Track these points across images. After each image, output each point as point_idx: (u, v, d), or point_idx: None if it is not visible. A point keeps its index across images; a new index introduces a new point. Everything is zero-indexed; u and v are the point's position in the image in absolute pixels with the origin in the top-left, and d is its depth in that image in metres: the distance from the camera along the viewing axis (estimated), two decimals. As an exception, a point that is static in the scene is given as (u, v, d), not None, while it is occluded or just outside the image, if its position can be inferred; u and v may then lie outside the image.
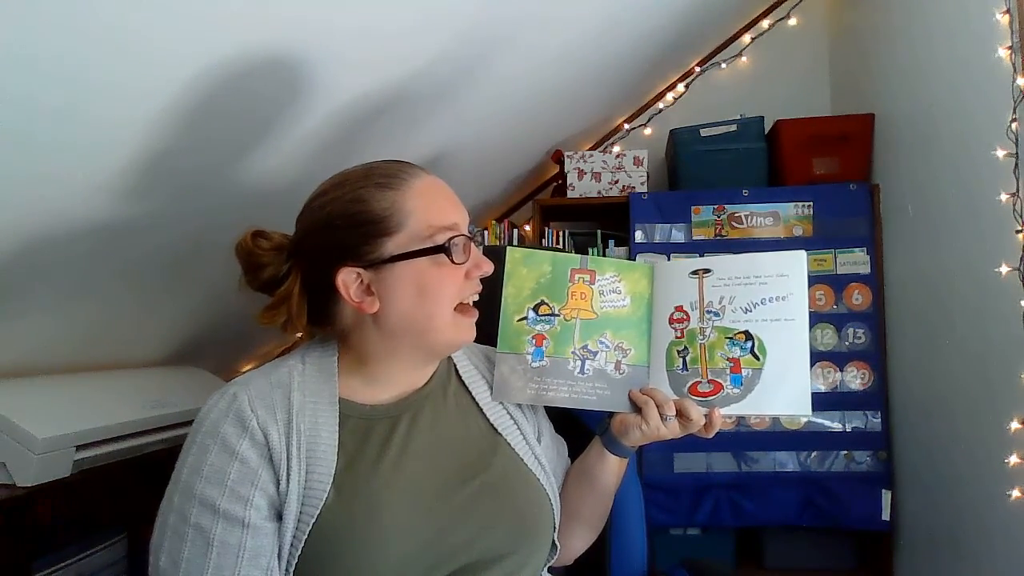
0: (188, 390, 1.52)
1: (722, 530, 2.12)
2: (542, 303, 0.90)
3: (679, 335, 0.88)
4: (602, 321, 0.89)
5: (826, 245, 2.06)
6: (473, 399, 0.87)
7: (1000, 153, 1.45)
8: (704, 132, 2.22)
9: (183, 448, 0.75)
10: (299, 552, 0.70)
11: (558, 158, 2.35)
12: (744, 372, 0.85)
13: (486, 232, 2.40)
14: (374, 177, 0.79)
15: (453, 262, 0.77)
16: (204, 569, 0.69)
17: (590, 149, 2.58)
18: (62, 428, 1.13)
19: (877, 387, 2.02)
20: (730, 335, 0.86)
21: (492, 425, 0.85)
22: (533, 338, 0.88)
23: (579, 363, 0.88)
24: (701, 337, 0.87)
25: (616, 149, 2.59)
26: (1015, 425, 1.43)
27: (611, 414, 0.88)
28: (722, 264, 0.89)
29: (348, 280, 0.77)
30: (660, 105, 2.62)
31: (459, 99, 1.53)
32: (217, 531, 0.70)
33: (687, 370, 0.87)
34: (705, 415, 0.84)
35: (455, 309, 0.79)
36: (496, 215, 2.67)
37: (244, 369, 2.07)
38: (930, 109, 1.80)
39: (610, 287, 0.91)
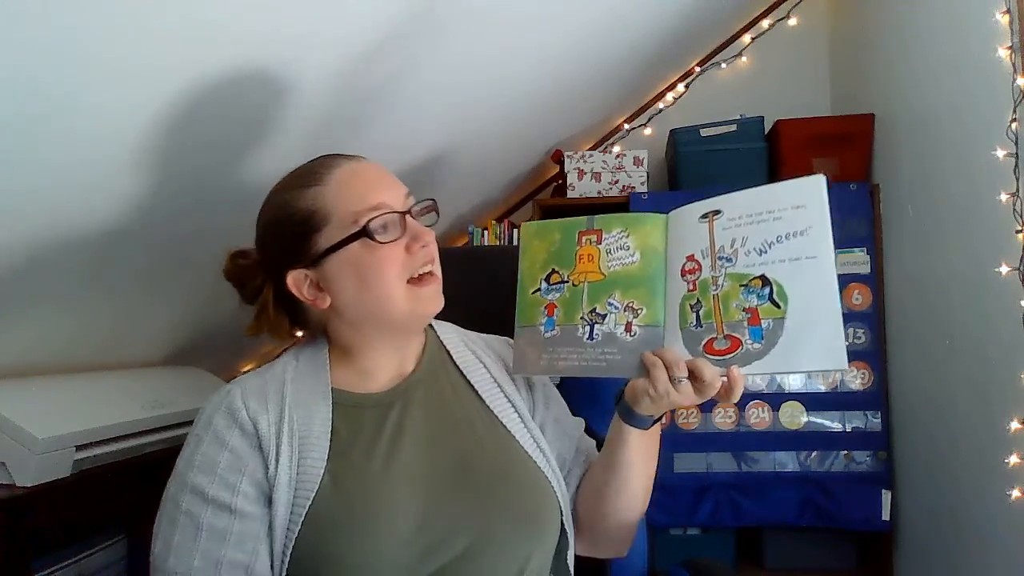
0: (188, 390, 1.52)
1: (722, 530, 2.12)
2: (553, 272, 0.85)
3: (691, 287, 0.78)
4: (610, 281, 0.82)
5: (826, 245, 2.06)
6: (469, 384, 0.87)
7: (1000, 153, 1.45)
8: (704, 132, 2.22)
9: (184, 444, 0.78)
10: (295, 535, 0.72)
11: (558, 158, 2.35)
12: (764, 323, 0.73)
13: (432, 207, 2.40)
14: (297, 179, 0.83)
15: (377, 242, 0.78)
16: (193, 552, 0.72)
17: (590, 149, 2.58)
18: (62, 428, 1.13)
19: (877, 387, 2.02)
20: (744, 282, 0.75)
21: (490, 410, 0.85)
22: (545, 308, 0.84)
23: (587, 328, 0.81)
24: (714, 287, 0.77)
25: (616, 149, 2.59)
26: (1015, 425, 1.43)
27: (627, 382, 0.81)
28: (732, 203, 0.79)
29: (298, 281, 0.81)
30: (660, 105, 2.62)
31: (459, 99, 1.53)
32: (206, 517, 0.73)
33: (701, 326, 0.76)
34: (723, 376, 0.74)
35: (408, 283, 0.80)
36: (496, 215, 2.67)
37: (244, 369, 2.07)
38: (930, 109, 1.80)
39: (617, 244, 0.82)
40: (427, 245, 0.82)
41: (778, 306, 0.73)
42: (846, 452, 2.01)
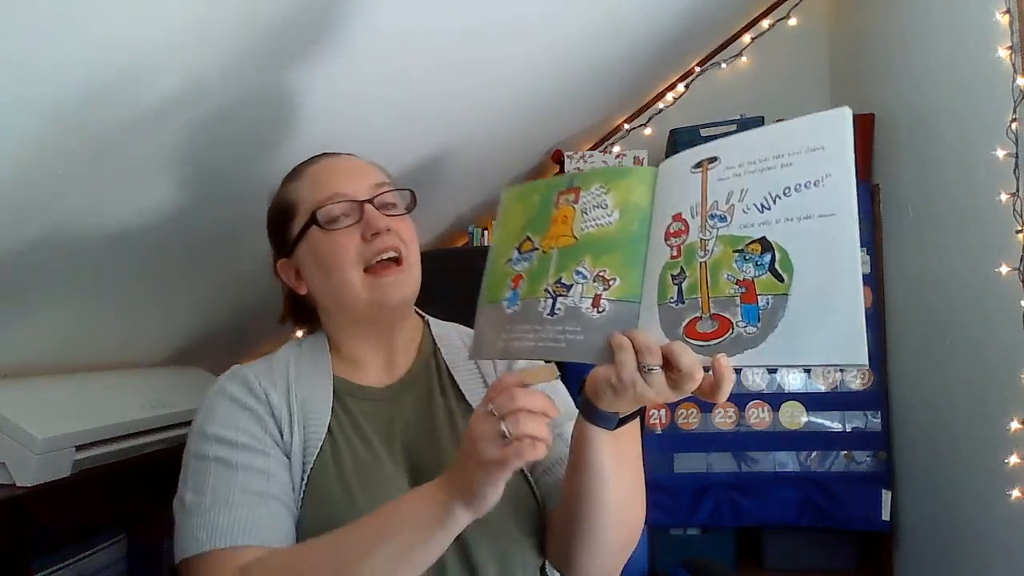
0: (188, 390, 1.52)
1: (722, 530, 2.12)
2: (526, 239, 0.71)
3: (675, 254, 0.63)
4: (582, 245, 0.67)
5: (826, 245, 2.05)
6: (456, 385, 0.87)
7: (1000, 153, 1.45)
8: (704, 132, 2.21)
9: (193, 420, 0.80)
10: (301, 500, 0.75)
11: (558, 158, 2.35)
12: (761, 301, 0.57)
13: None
14: (288, 175, 0.89)
15: (324, 229, 0.81)
16: (231, 488, 0.71)
17: (590, 149, 2.58)
18: (62, 428, 1.13)
19: (877, 387, 2.02)
20: (740, 247, 0.59)
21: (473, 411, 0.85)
22: (511, 281, 0.70)
23: (549, 302, 0.66)
24: (701, 253, 0.61)
25: (616, 149, 2.59)
26: (1015, 425, 1.43)
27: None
28: (733, 147, 0.63)
29: (283, 269, 0.89)
30: (660, 105, 2.62)
31: (458, 99, 1.53)
32: (239, 458, 0.73)
33: (683, 302, 0.61)
34: (707, 367, 0.59)
35: (366, 271, 0.81)
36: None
37: (244, 369, 2.06)
38: (930, 109, 1.80)
39: (594, 202, 0.68)
40: (380, 233, 0.81)
41: (780, 279, 0.57)
42: (846, 452, 2.01)
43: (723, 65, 2.58)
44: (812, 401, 2.04)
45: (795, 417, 2.03)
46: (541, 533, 0.81)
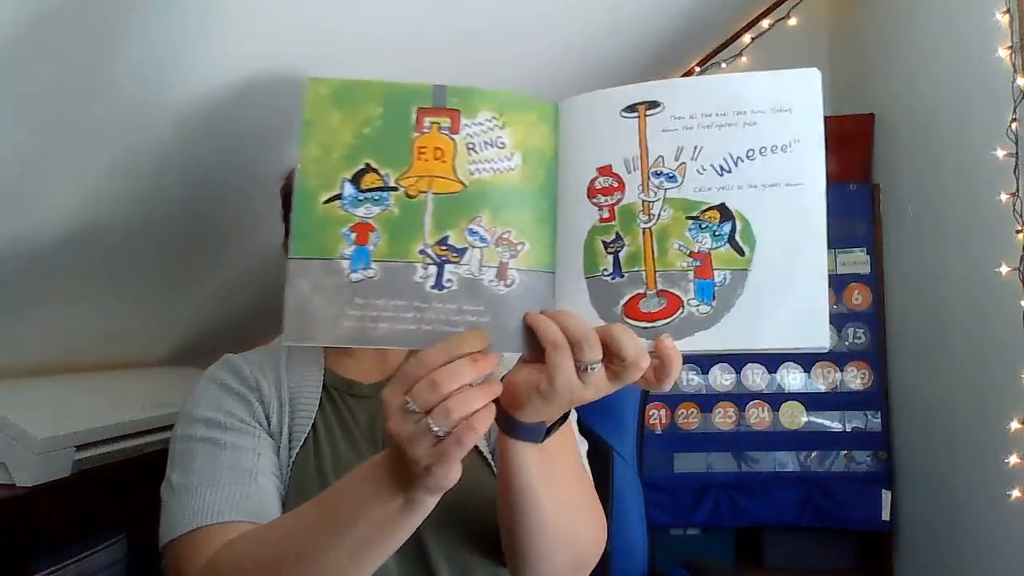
0: (187, 390, 1.52)
1: (722, 530, 2.12)
2: (367, 169, 0.54)
3: (606, 216, 0.53)
4: (473, 195, 0.53)
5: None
6: None
7: (1000, 153, 1.45)
8: (704, 132, 2.21)
9: (181, 406, 0.80)
10: (286, 486, 0.74)
11: (558, 158, 2.35)
12: (718, 277, 0.51)
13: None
14: None
15: None
16: (218, 467, 0.70)
17: (590, 149, 2.58)
18: (62, 428, 1.12)
19: (877, 387, 2.02)
20: (694, 213, 0.52)
21: None
22: (351, 230, 0.53)
23: (433, 269, 0.52)
24: (645, 218, 0.53)
25: (616, 149, 2.59)
26: (1015, 425, 1.43)
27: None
28: (680, 93, 0.54)
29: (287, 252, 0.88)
30: (660, 105, 2.62)
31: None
32: (226, 438, 0.73)
33: (621, 276, 0.53)
34: (651, 352, 0.50)
35: None
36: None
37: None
38: (930, 109, 1.80)
39: (485, 137, 0.54)
40: None
41: (741, 252, 0.51)
42: (846, 452, 2.01)
43: (723, 65, 2.58)
44: (812, 401, 2.04)
45: (795, 417, 2.03)
46: None
